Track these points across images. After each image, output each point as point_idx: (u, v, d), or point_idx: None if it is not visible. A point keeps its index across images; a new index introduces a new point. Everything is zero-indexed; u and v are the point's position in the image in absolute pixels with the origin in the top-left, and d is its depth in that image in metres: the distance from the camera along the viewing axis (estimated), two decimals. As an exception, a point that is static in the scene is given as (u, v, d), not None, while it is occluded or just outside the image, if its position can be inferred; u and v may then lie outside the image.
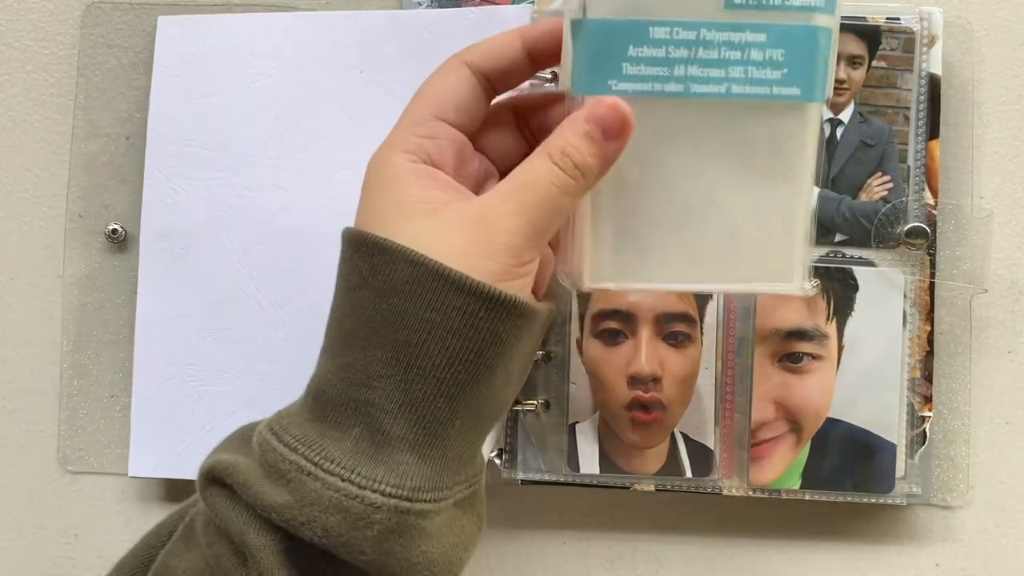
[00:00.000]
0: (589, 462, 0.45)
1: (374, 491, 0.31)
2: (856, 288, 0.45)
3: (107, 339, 0.49)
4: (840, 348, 0.45)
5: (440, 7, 0.47)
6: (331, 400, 0.32)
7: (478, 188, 0.37)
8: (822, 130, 0.34)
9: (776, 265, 0.35)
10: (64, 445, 0.49)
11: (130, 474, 0.47)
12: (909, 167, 0.46)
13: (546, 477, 0.46)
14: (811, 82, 0.33)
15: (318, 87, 0.47)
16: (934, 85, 0.46)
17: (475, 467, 0.35)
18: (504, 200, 0.32)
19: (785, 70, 0.32)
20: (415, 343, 0.31)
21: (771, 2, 0.32)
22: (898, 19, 0.46)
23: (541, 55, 0.36)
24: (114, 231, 0.48)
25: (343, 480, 0.31)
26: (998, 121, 0.48)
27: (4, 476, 0.49)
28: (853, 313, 0.45)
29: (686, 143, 0.34)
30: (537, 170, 0.33)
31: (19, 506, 0.49)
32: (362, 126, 0.46)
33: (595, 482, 0.46)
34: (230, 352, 0.46)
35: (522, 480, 0.46)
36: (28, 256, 0.50)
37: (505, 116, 0.39)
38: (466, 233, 0.32)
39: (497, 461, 0.46)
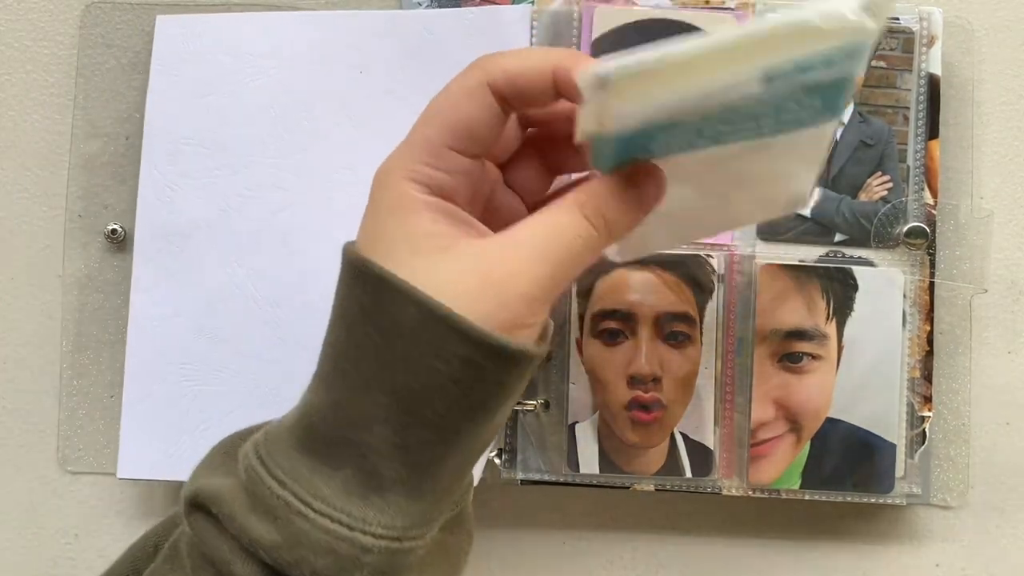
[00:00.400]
0: (589, 462, 0.45)
1: (365, 532, 0.30)
2: (856, 288, 0.44)
3: (107, 339, 0.49)
4: (840, 348, 0.45)
5: (440, 7, 0.47)
6: (323, 435, 0.31)
7: (489, 214, 0.35)
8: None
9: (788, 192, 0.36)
10: (63, 445, 0.49)
11: (119, 475, 0.46)
12: (909, 167, 0.46)
13: (546, 477, 0.46)
14: (839, 106, 0.31)
15: (317, 87, 0.47)
16: (934, 85, 0.46)
17: (462, 489, 0.34)
18: (525, 247, 0.30)
19: (818, 106, 0.30)
20: (416, 389, 0.30)
21: (814, 69, 0.28)
22: (898, 19, 0.46)
23: (570, 91, 0.32)
24: (113, 231, 0.48)
25: (333, 521, 0.30)
26: (998, 121, 0.48)
27: (4, 476, 0.49)
28: (853, 313, 0.45)
29: (717, 166, 0.33)
30: (566, 222, 0.31)
31: (19, 506, 0.49)
32: (361, 126, 0.46)
33: (595, 482, 0.46)
34: (225, 351, 0.46)
35: (522, 480, 0.46)
36: (28, 256, 0.49)
37: (525, 144, 0.36)
38: (479, 276, 0.30)
39: (497, 461, 0.46)
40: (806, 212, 0.43)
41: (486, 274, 0.30)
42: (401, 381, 0.30)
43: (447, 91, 0.33)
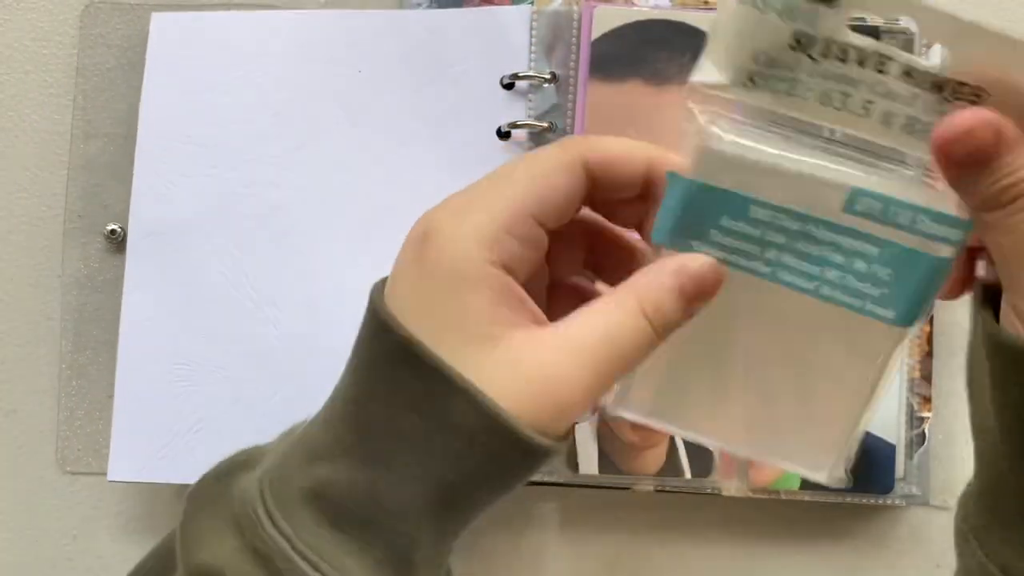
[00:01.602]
0: (589, 463, 0.45)
1: None
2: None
3: (106, 340, 0.48)
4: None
5: (440, 7, 0.47)
6: (354, 516, 0.30)
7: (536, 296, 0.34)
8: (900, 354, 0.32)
9: (811, 457, 0.33)
10: (63, 446, 0.49)
11: (109, 478, 0.46)
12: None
13: (546, 478, 0.46)
14: (910, 310, 0.30)
15: (316, 86, 0.47)
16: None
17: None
18: (580, 352, 0.29)
19: (886, 290, 0.29)
20: (461, 485, 0.29)
21: (898, 221, 0.28)
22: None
23: (659, 188, 0.31)
24: (113, 231, 0.48)
25: None
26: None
27: (3, 477, 0.49)
28: (853, 313, 0.45)
29: (757, 317, 0.32)
30: (625, 323, 0.29)
31: (18, 507, 0.49)
32: (360, 125, 0.46)
33: (595, 483, 0.46)
34: (219, 351, 0.46)
35: (522, 481, 0.46)
36: (27, 256, 0.49)
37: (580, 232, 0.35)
38: (528, 379, 0.29)
39: (497, 462, 0.46)
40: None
41: (539, 381, 0.29)
42: (448, 479, 0.29)
43: (540, 159, 0.31)
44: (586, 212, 0.34)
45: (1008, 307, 0.29)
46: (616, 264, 0.36)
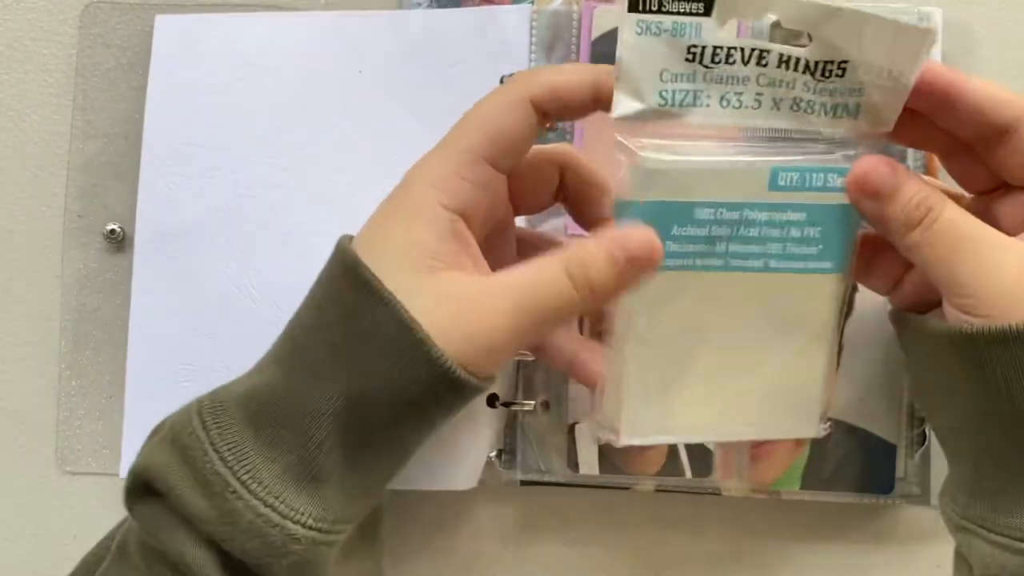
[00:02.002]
0: (589, 463, 0.45)
1: (295, 522, 0.31)
2: (855, 288, 0.44)
3: (105, 340, 0.48)
4: (840, 348, 0.45)
5: (440, 7, 0.47)
6: (272, 417, 0.32)
7: (493, 237, 0.36)
8: (846, 294, 0.36)
9: (801, 417, 0.37)
10: (62, 446, 0.49)
11: (122, 476, 0.46)
12: (908, 167, 0.45)
13: (546, 478, 0.46)
14: (844, 255, 0.34)
15: (317, 87, 0.47)
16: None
17: (381, 497, 0.36)
18: (504, 298, 0.31)
19: (820, 246, 0.34)
20: (372, 397, 0.31)
21: (814, 184, 0.33)
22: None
23: (609, 102, 0.33)
24: (112, 231, 0.48)
25: (266, 506, 0.31)
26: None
27: (3, 477, 0.49)
28: (853, 313, 0.45)
29: (723, 309, 0.35)
30: (549, 277, 0.32)
31: (17, 507, 0.49)
32: (361, 126, 0.46)
33: (595, 483, 0.46)
34: (225, 351, 0.46)
35: (521, 481, 0.46)
36: (26, 256, 0.49)
37: (550, 171, 0.38)
38: (454, 312, 0.31)
39: (497, 461, 0.46)
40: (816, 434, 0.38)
41: (461, 312, 0.31)
42: (361, 385, 0.31)
43: (488, 102, 0.34)
44: (556, 147, 0.37)
45: (950, 308, 0.32)
46: (587, 199, 0.39)
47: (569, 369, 0.39)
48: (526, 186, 0.37)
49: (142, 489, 0.33)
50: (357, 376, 0.31)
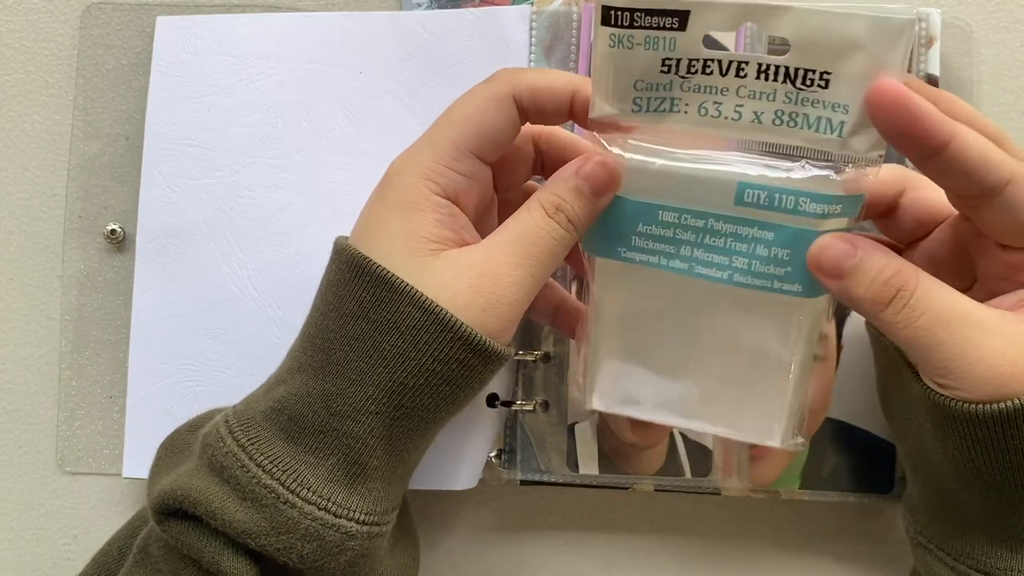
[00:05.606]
0: (588, 462, 0.45)
1: (349, 519, 0.32)
2: (855, 288, 0.45)
3: (106, 340, 0.49)
4: (839, 348, 0.45)
5: (440, 7, 0.47)
6: (309, 425, 0.32)
7: (480, 219, 0.37)
8: (829, 309, 0.35)
9: (762, 426, 0.36)
10: (62, 446, 0.49)
11: (124, 475, 0.47)
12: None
13: (545, 477, 0.46)
14: (814, 281, 0.33)
15: (317, 87, 0.47)
16: (932, 86, 0.46)
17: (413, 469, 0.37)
18: (506, 252, 0.33)
19: (789, 268, 0.33)
20: (410, 387, 0.32)
21: (783, 206, 0.32)
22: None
23: (582, 115, 0.34)
24: (113, 232, 0.48)
25: (320, 509, 0.31)
26: (996, 122, 0.48)
27: (2, 477, 0.49)
28: (852, 313, 0.45)
29: (689, 309, 0.35)
30: (535, 224, 0.33)
31: (17, 507, 0.49)
32: (361, 126, 0.47)
33: (594, 482, 0.46)
34: (227, 351, 0.46)
35: (521, 480, 0.46)
36: (27, 256, 0.49)
37: (525, 147, 0.38)
38: (470, 282, 0.32)
39: (496, 462, 0.46)
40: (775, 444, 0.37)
41: (477, 282, 0.32)
42: (398, 379, 0.32)
43: (473, 97, 0.34)
44: (535, 126, 0.38)
45: (929, 382, 0.32)
46: (566, 163, 0.39)
47: (552, 320, 0.41)
48: (507, 166, 0.38)
49: (175, 512, 0.33)
50: (395, 371, 0.32)
